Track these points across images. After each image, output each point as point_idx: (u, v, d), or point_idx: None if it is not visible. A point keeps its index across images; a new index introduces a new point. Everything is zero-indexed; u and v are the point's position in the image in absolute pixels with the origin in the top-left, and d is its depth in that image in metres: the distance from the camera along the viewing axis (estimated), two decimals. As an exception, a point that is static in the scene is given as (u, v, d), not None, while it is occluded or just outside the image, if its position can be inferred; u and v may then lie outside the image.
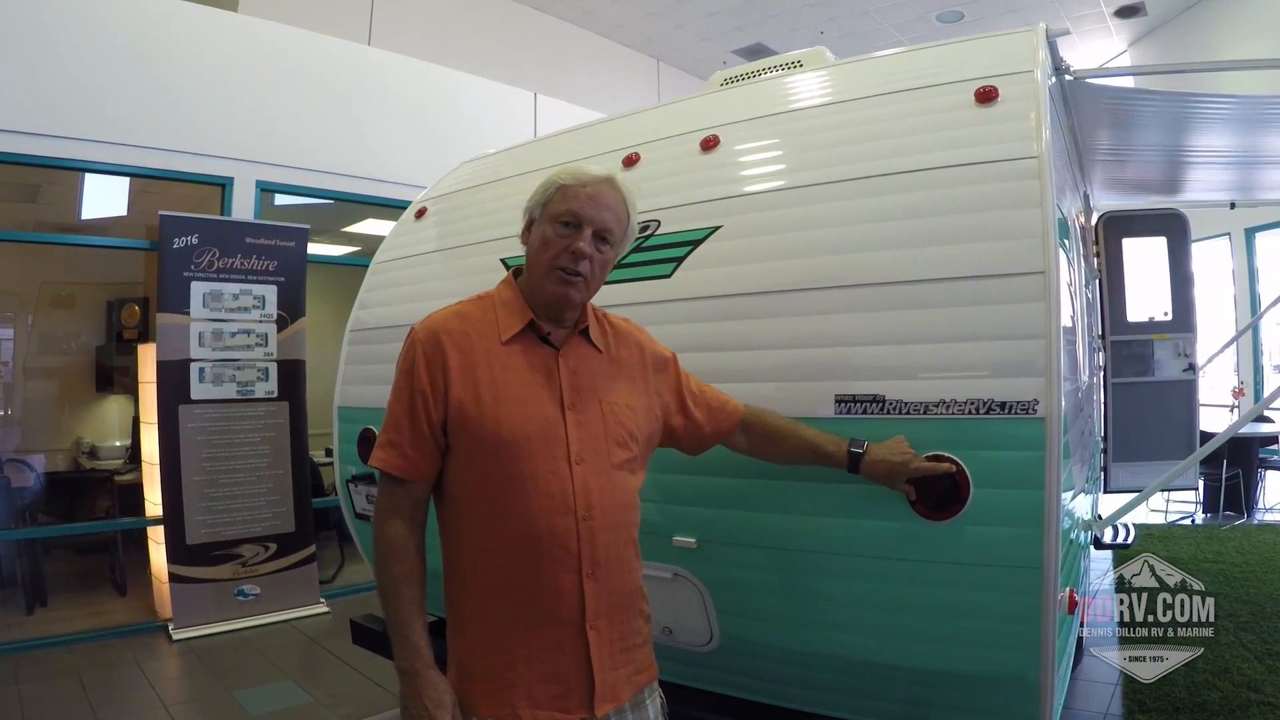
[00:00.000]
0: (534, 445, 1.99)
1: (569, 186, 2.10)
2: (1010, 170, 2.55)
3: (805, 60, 3.80)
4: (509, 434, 1.97)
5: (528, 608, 1.98)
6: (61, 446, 8.94)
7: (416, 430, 1.99)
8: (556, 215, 2.08)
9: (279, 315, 6.61)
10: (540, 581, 1.97)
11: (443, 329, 2.04)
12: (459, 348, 2.02)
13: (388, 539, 1.99)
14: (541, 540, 1.96)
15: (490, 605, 2.00)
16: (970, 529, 2.44)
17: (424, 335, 2.04)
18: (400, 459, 1.99)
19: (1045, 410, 2.36)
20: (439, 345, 2.01)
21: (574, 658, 2.00)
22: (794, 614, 2.78)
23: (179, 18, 6.88)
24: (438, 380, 1.99)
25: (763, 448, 2.55)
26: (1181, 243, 6.56)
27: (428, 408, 1.99)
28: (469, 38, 11.16)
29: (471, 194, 4.11)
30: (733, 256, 2.94)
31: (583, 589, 2.00)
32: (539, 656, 1.98)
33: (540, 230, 2.11)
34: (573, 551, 1.99)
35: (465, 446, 2.00)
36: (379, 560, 2.00)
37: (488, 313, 2.11)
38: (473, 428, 1.98)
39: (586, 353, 2.17)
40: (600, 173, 2.16)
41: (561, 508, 1.98)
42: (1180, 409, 6.45)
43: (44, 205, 8.14)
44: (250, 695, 4.99)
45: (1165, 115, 4.62)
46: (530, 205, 2.18)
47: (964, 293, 2.49)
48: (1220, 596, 5.97)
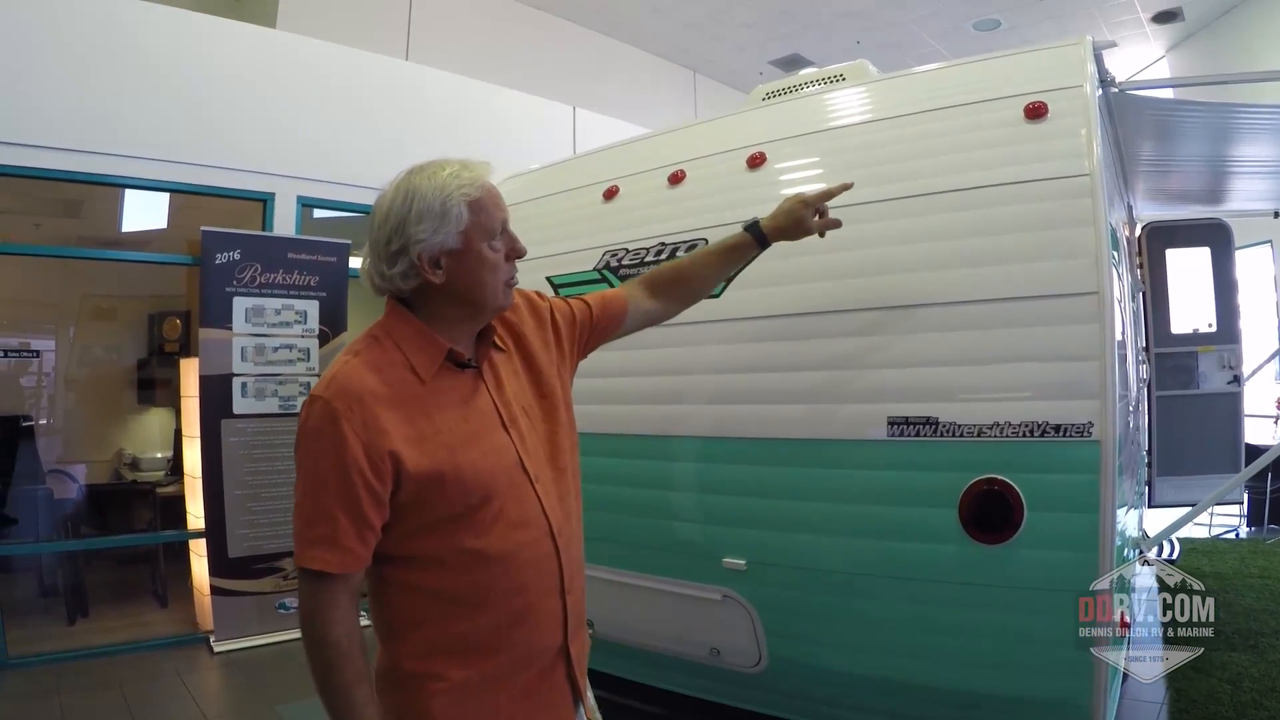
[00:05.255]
0: (498, 480, 1.81)
1: (480, 199, 1.83)
2: (1062, 188, 2.54)
3: (847, 74, 3.78)
4: (474, 478, 1.76)
5: (518, 648, 1.82)
6: (103, 458, 8.99)
7: (355, 516, 1.67)
8: (489, 231, 1.83)
9: (321, 330, 6.61)
10: (532, 618, 1.83)
11: (365, 390, 1.71)
12: (390, 404, 1.72)
13: (330, 643, 1.66)
14: (528, 572, 1.82)
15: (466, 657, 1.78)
16: (1023, 552, 2.42)
17: (344, 404, 1.68)
18: (342, 555, 1.67)
19: (1100, 433, 2.34)
20: (367, 409, 1.69)
21: (558, 684, 1.91)
22: (844, 637, 2.77)
23: (218, 34, 6.94)
24: (377, 449, 1.68)
25: (676, 289, 2.42)
26: (1225, 253, 6.48)
27: (369, 485, 1.67)
28: (505, 52, 11.17)
29: (514, 210, 4.07)
30: (783, 276, 2.94)
31: (565, 608, 1.89)
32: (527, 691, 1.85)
33: (474, 256, 1.83)
34: (555, 574, 1.87)
35: (426, 508, 1.73)
36: (323, 669, 1.67)
37: (393, 355, 1.80)
38: (433, 486, 1.72)
39: (497, 359, 1.97)
40: (478, 168, 1.88)
41: (540, 534, 1.85)
42: (1225, 422, 6.36)
43: (85, 220, 8.25)
44: (292, 709, 4.99)
45: (1209, 126, 4.57)
46: (433, 242, 1.78)
47: (1017, 314, 2.48)
48: (1265, 613, 5.88)
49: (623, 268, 3.42)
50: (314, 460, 1.69)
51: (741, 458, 2.94)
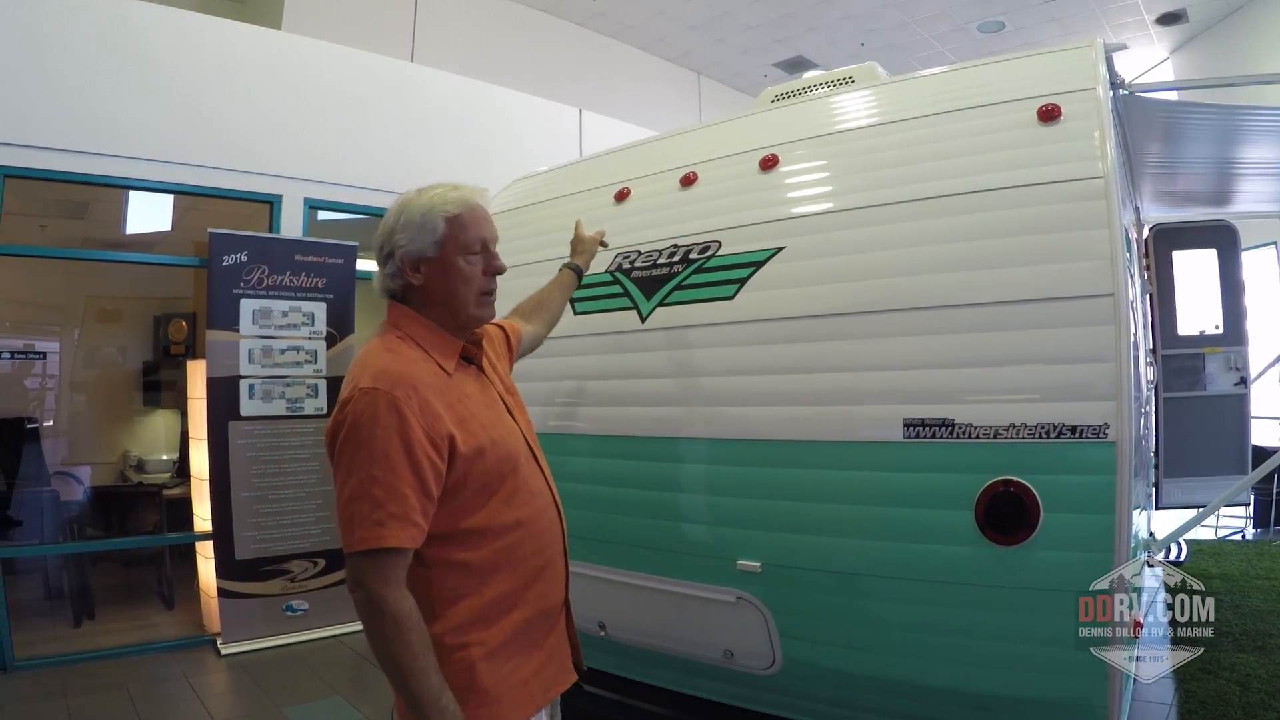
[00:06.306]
0: (520, 456, 2.11)
1: (461, 216, 2.11)
2: (1076, 190, 2.54)
3: (856, 76, 3.78)
4: (505, 453, 2.05)
5: (538, 603, 2.09)
6: (108, 460, 8.99)
7: (423, 493, 1.86)
8: (464, 247, 2.10)
9: (328, 332, 6.61)
10: (547, 574, 2.12)
11: (415, 380, 1.93)
12: (435, 392, 1.95)
13: (400, 614, 1.81)
14: (546, 536, 2.13)
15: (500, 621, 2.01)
16: (1039, 553, 2.42)
17: (404, 393, 1.88)
18: (414, 531, 1.85)
19: (1116, 434, 2.34)
20: (421, 397, 1.90)
21: (562, 632, 2.22)
22: (859, 638, 2.77)
23: (224, 36, 6.95)
24: (438, 431, 1.90)
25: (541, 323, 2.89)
26: (1232, 254, 6.47)
27: (433, 463, 1.88)
28: (510, 54, 11.18)
29: (526, 213, 4.12)
30: (798, 278, 2.94)
31: (566, 566, 2.23)
32: (544, 642, 2.12)
33: (448, 267, 2.09)
34: (560, 536, 2.20)
35: (468, 483, 1.95)
36: (392, 638, 1.80)
37: (418, 351, 2.05)
38: (477, 461, 1.96)
39: (487, 362, 2.27)
40: (468, 190, 2.18)
41: (547, 502, 2.17)
42: (1232, 423, 6.34)
43: (92, 222, 8.23)
44: (300, 711, 5.00)
45: (1216, 128, 4.57)
46: (412, 248, 2.08)
47: (1033, 315, 2.48)
48: (1272, 614, 5.88)
49: (635, 270, 3.42)
50: (377, 445, 1.84)
51: (756, 460, 2.94)
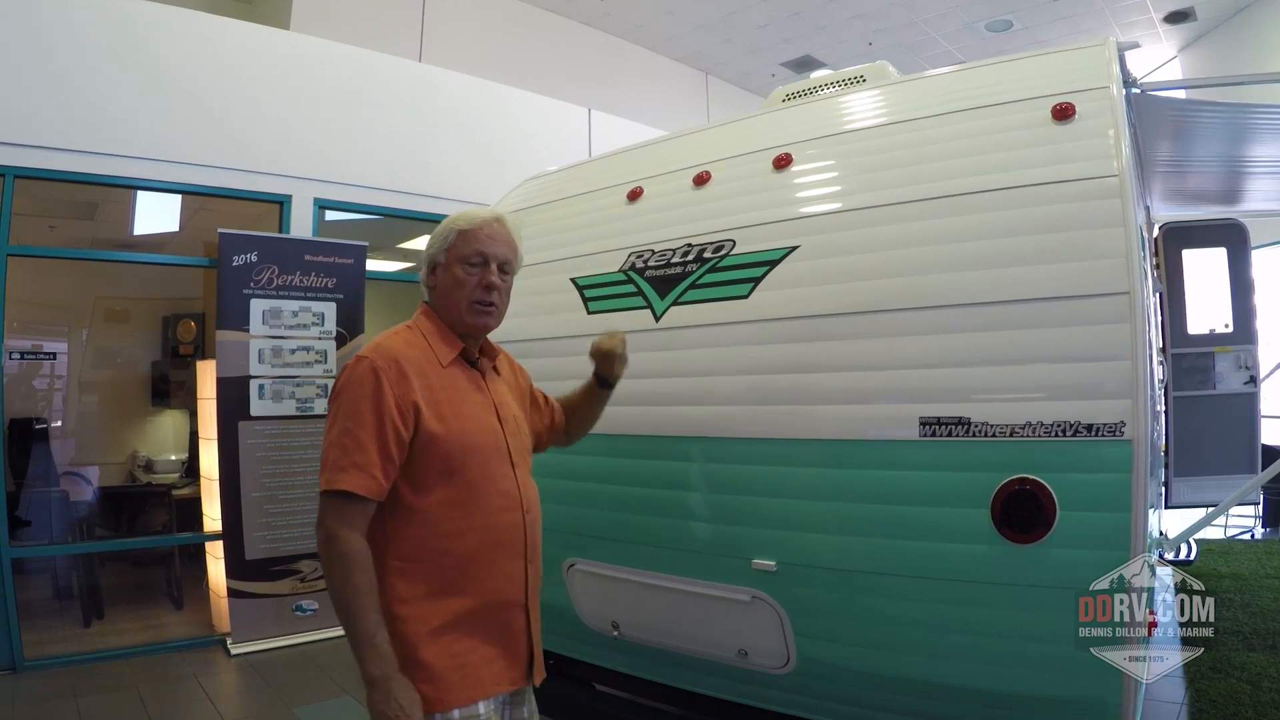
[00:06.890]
0: (488, 453, 2.28)
1: (469, 230, 2.37)
2: (1091, 189, 2.53)
3: (868, 75, 3.78)
4: (471, 443, 2.24)
5: (485, 595, 2.23)
6: (117, 460, 9.01)
7: (384, 453, 2.11)
8: (464, 257, 2.36)
9: (338, 332, 6.61)
10: (496, 570, 2.25)
11: (401, 356, 2.21)
12: (417, 372, 2.21)
13: (349, 552, 2.05)
14: (500, 532, 2.26)
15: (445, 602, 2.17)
16: (1055, 551, 2.42)
17: (385, 363, 2.17)
18: (370, 481, 2.09)
19: (1132, 432, 2.34)
20: (401, 371, 2.18)
21: (518, 635, 2.31)
22: (875, 637, 2.77)
23: (233, 36, 6.96)
24: (407, 401, 2.15)
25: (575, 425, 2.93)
26: (1242, 253, 6.44)
27: (398, 428, 2.13)
28: (519, 54, 11.19)
29: (536, 212, 4.12)
30: (812, 277, 2.94)
31: (526, 573, 2.32)
32: (494, 639, 2.25)
33: (450, 273, 2.37)
34: (520, 541, 2.31)
35: (430, 458, 2.18)
36: (339, 573, 2.05)
37: (422, 340, 2.33)
38: (440, 441, 2.18)
39: (494, 374, 2.49)
40: (490, 213, 2.44)
41: (513, 505, 2.30)
42: (1242, 422, 6.33)
43: (101, 223, 8.25)
44: (310, 711, 5.01)
45: (1226, 126, 4.56)
46: (432, 252, 2.42)
47: (1048, 314, 2.48)
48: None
49: (649, 269, 3.41)
50: (355, 404, 2.13)
51: (772, 459, 2.94)
